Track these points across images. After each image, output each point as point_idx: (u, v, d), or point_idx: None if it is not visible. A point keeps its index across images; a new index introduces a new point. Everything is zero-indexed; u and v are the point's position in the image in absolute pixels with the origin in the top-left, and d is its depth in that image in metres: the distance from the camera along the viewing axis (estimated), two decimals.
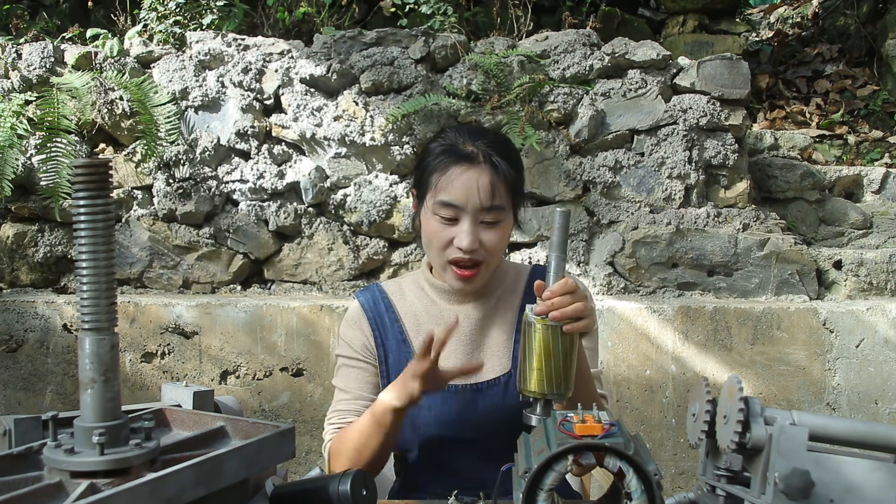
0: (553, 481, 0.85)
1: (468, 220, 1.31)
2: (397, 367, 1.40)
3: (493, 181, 1.32)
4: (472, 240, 1.30)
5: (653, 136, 2.96)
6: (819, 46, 4.88)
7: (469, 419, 1.36)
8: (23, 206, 3.07)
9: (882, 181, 3.45)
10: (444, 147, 1.37)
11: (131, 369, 2.84)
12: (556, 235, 1.15)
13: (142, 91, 2.97)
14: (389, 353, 1.42)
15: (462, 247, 1.30)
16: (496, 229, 1.34)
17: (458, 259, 1.32)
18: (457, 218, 1.32)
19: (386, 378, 1.41)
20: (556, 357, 1.11)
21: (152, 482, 0.68)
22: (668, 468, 2.73)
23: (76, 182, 0.74)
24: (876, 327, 2.71)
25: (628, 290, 2.95)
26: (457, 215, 1.31)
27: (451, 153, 1.34)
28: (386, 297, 1.47)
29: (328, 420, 1.44)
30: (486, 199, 1.31)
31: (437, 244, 1.34)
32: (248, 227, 3.00)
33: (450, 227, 1.32)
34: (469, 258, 1.31)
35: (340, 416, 1.41)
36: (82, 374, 0.75)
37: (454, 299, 1.43)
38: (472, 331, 1.42)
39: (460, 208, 1.31)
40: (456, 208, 1.31)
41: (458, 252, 1.32)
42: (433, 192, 1.34)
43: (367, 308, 1.45)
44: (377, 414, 1.28)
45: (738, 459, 0.86)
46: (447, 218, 1.32)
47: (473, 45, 3.09)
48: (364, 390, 1.42)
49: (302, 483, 0.93)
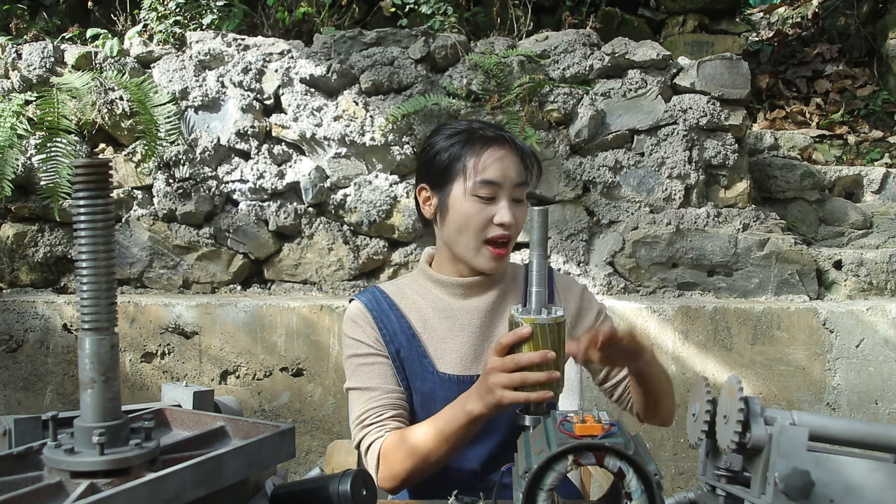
0: (553, 481, 0.85)
1: (505, 196, 1.37)
2: (410, 361, 1.39)
3: (521, 159, 1.41)
4: (512, 214, 1.37)
5: (653, 136, 2.96)
6: (819, 46, 4.88)
7: None
8: (23, 206, 3.07)
9: (882, 181, 3.45)
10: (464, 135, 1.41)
11: (131, 369, 2.84)
12: (535, 234, 1.15)
13: (142, 91, 2.97)
14: (401, 348, 1.40)
15: (504, 221, 1.36)
16: (522, 207, 1.41)
17: (497, 237, 1.37)
18: (494, 196, 1.37)
19: (402, 373, 1.40)
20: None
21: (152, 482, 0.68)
22: (668, 468, 2.73)
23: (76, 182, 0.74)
24: (876, 327, 2.71)
25: (628, 290, 2.95)
26: (495, 193, 1.37)
27: (479, 139, 1.40)
28: (387, 296, 1.46)
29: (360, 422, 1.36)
30: (517, 175, 1.39)
31: (476, 224, 1.37)
32: (248, 227, 3.00)
33: (489, 206, 1.37)
34: (507, 233, 1.37)
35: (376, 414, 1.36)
36: (82, 374, 0.75)
37: (459, 293, 1.44)
38: (481, 324, 1.42)
39: (499, 185, 1.37)
40: (496, 185, 1.37)
41: (497, 230, 1.37)
42: (471, 174, 1.37)
43: (371, 307, 1.44)
44: (457, 421, 1.24)
45: (738, 459, 0.86)
46: (486, 197, 1.37)
47: (473, 45, 3.09)
48: (391, 383, 1.38)
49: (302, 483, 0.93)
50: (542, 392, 1.11)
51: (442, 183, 1.41)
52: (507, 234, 1.37)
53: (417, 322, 1.43)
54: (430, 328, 1.42)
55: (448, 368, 1.39)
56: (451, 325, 1.41)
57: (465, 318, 1.42)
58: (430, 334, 1.41)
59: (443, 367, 1.39)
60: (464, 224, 1.37)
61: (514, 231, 1.38)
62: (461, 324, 1.42)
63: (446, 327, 1.41)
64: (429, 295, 1.45)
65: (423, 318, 1.43)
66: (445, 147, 1.41)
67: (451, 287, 1.44)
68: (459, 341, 1.40)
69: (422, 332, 1.42)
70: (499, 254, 1.38)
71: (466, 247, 1.39)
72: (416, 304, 1.45)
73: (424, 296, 1.46)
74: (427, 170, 1.44)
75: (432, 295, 1.45)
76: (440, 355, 1.40)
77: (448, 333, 1.41)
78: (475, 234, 1.37)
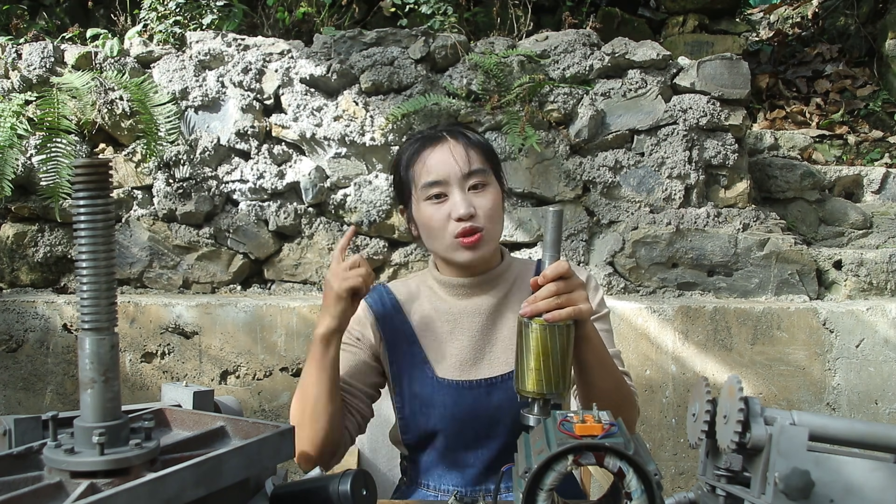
0: (553, 481, 0.85)
1: (456, 189, 1.35)
2: (410, 367, 1.41)
3: (465, 148, 1.38)
4: (466, 205, 1.34)
5: (653, 136, 2.96)
6: (819, 46, 4.88)
7: (483, 414, 1.37)
8: (23, 206, 3.07)
9: (882, 181, 3.45)
10: (410, 148, 1.43)
11: (131, 369, 2.84)
12: (549, 235, 1.15)
13: (142, 91, 2.97)
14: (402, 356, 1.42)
15: (459, 214, 1.33)
16: (485, 193, 1.37)
17: (460, 231, 1.35)
18: (445, 193, 1.36)
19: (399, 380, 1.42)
20: (553, 356, 1.10)
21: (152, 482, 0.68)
22: (668, 468, 2.73)
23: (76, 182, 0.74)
24: (876, 327, 2.71)
25: (628, 290, 2.95)
26: (444, 190, 1.36)
27: (420, 146, 1.41)
28: (393, 297, 1.47)
29: None
30: (463, 165, 1.36)
31: (437, 226, 1.37)
32: (248, 227, 3.00)
33: (443, 205, 1.36)
34: (469, 225, 1.34)
35: None
36: (82, 374, 0.75)
37: (463, 294, 1.44)
38: (483, 325, 1.42)
39: (444, 182, 1.36)
40: (440, 184, 1.36)
41: (458, 225, 1.34)
42: (416, 181, 1.38)
43: (375, 310, 1.45)
44: (314, 346, 1.32)
45: (738, 459, 0.86)
46: (436, 196, 1.36)
47: (473, 45, 3.09)
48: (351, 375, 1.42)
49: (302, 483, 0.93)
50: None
51: (407, 199, 1.44)
52: (469, 225, 1.34)
53: (419, 325, 1.44)
54: (431, 331, 1.42)
55: (447, 373, 1.39)
56: (453, 328, 1.42)
57: (466, 320, 1.42)
58: (431, 338, 1.42)
59: (442, 371, 1.39)
60: (429, 229, 1.39)
61: (480, 219, 1.35)
62: (462, 327, 1.42)
63: (447, 330, 1.42)
64: (433, 296, 1.46)
65: (426, 320, 1.44)
66: (401, 164, 1.43)
67: (454, 287, 1.44)
68: (459, 345, 1.40)
69: (423, 337, 1.42)
70: (468, 243, 1.35)
71: (443, 249, 1.39)
72: (420, 306, 1.45)
73: (429, 296, 1.46)
74: (397, 191, 1.47)
75: (436, 296, 1.46)
76: (440, 359, 1.40)
77: (449, 336, 1.41)
78: (442, 235, 1.37)
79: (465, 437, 1.38)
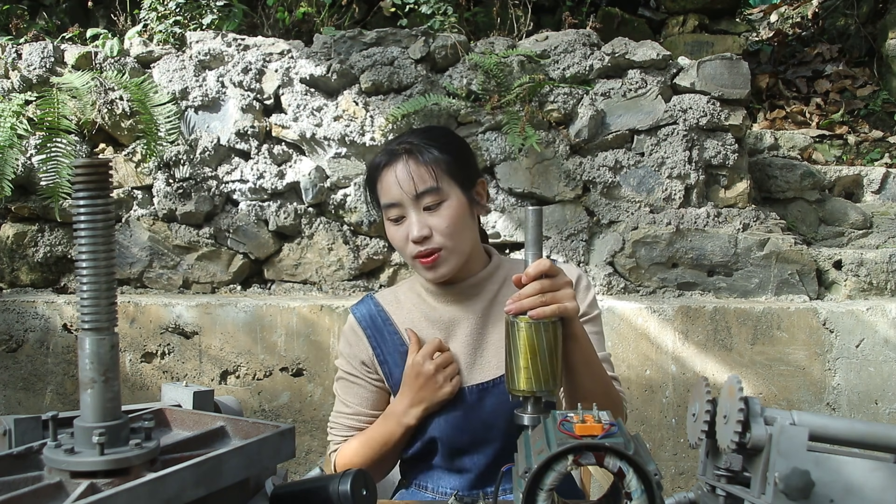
0: (553, 481, 0.85)
1: (411, 211, 1.35)
2: (403, 378, 1.41)
3: (415, 168, 1.35)
4: (419, 227, 1.33)
5: (653, 136, 2.96)
6: (819, 46, 4.88)
7: (478, 419, 1.37)
8: (23, 206, 3.07)
9: (882, 181, 3.45)
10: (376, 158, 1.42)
11: (131, 369, 2.84)
12: (530, 233, 1.14)
13: (142, 91, 2.97)
14: (395, 368, 1.42)
15: (413, 237, 1.33)
16: (439, 211, 1.35)
17: (418, 254, 1.35)
18: (403, 215, 1.36)
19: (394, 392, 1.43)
20: (541, 353, 1.10)
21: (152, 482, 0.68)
22: (668, 468, 2.73)
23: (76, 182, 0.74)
24: (876, 327, 2.71)
25: (628, 290, 2.95)
26: (401, 212, 1.36)
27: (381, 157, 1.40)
28: (381, 308, 1.47)
29: (331, 428, 1.49)
30: (409, 188, 1.34)
31: (399, 245, 1.39)
32: (248, 227, 3.00)
33: (401, 226, 1.36)
34: (425, 248, 1.34)
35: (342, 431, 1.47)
36: (82, 374, 0.75)
37: (450, 299, 1.43)
38: (473, 329, 1.41)
39: (399, 204, 1.35)
40: (396, 206, 1.36)
41: (415, 247, 1.34)
42: (379, 200, 1.40)
43: (365, 325, 1.46)
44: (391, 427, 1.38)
45: (738, 459, 0.86)
46: (395, 218, 1.37)
47: (473, 45, 3.09)
48: (363, 406, 1.46)
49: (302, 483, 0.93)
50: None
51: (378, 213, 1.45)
52: (425, 248, 1.33)
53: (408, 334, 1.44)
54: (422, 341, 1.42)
55: None
56: (444, 337, 1.41)
57: (456, 327, 1.42)
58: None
59: None
60: (395, 247, 1.41)
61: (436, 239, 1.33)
62: (453, 335, 1.41)
63: (439, 338, 1.41)
64: (421, 304, 1.46)
65: (414, 328, 1.43)
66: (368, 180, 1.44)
67: (439, 295, 1.44)
68: (451, 349, 1.40)
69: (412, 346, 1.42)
70: (426, 263, 1.35)
71: (410, 265, 1.42)
72: (409, 315, 1.45)
73: (418, 304, 1.46)
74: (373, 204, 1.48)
75: (424, 303, 1.46)
76: None
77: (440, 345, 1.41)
78: (405, 254, 1.39)
79: (462, 443, 1.38)
